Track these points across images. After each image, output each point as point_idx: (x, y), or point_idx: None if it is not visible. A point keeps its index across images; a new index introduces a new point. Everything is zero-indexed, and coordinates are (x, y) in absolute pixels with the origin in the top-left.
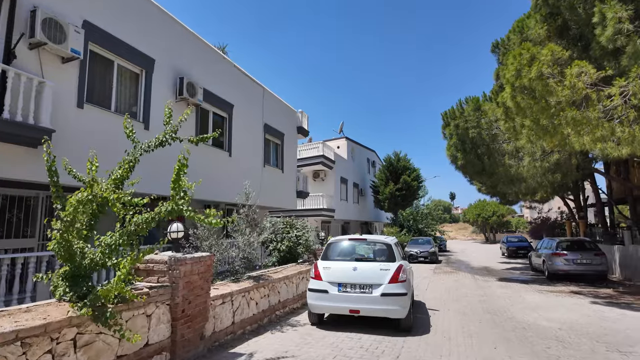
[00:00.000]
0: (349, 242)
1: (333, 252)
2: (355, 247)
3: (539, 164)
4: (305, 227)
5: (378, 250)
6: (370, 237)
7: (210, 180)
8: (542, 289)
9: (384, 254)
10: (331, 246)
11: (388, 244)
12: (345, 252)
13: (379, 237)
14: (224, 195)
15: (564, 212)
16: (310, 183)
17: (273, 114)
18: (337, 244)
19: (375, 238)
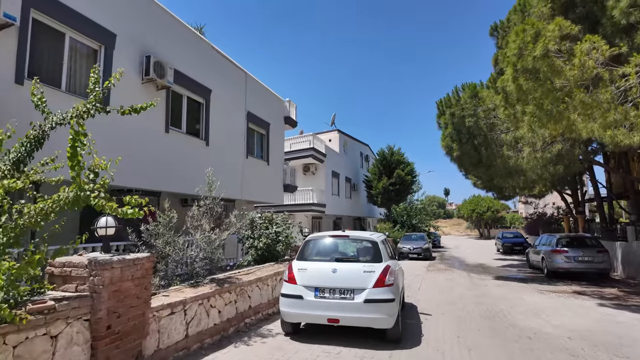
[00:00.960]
0: (329, 240)
1: (310, 251)
2: (336, 246)
3: (540, 155)
4: (287, 222)
5: (362, 248)
6: (354, 234)
7: (185, 171)
8: (543, 289)
9: (369, 253)
10: (308, 244)
11: (373, 241)
12: (325, 251)
13: (363, 233)
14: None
15: (560, 208)
16: (300, 177)
17: (257, 102)
18: (315, 241)
19: (359, 235)
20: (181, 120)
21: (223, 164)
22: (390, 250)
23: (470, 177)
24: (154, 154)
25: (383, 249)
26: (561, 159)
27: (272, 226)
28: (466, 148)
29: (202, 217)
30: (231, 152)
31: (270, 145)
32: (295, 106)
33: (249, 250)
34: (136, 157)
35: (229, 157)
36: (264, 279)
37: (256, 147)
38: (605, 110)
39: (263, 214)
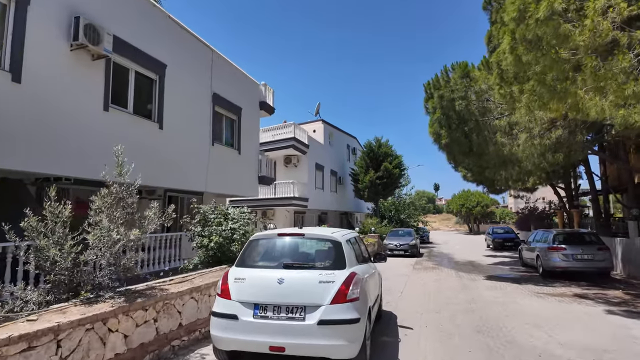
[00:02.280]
0: (279, 240)
1: (253, 254)
2: (287, 247)
3: (538, 142)
4: (245, 216)
5: (320, 251)
6: (311, 232)
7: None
8: (540, 291)
9: (329, 256)
10: (252, 245)
11: (335, 241)
12: (271, 255)
13: (324, 231)
14: (154, 178)
15: (553, 202)
16: (281, 169)
17: (226, 84)
18: (259, 242)
19: (319, 233)
20: (127, 98)
21: (182, 150)
22: (362, 252)
23: (460, 170)
24: (87, 134)
25: (348, 251)
26: (561, 146)
27: (228, 222)
28: (456, 135)
29: (106, 210)
30: (193, 137)
31: (242, 133)
32: (273, 91)
33: (198, 251)
34: (65, 137)
35: (189, 143)
36: (203, 288)
37: (225, 134)
38: (621, 83)
39: (217, 207)
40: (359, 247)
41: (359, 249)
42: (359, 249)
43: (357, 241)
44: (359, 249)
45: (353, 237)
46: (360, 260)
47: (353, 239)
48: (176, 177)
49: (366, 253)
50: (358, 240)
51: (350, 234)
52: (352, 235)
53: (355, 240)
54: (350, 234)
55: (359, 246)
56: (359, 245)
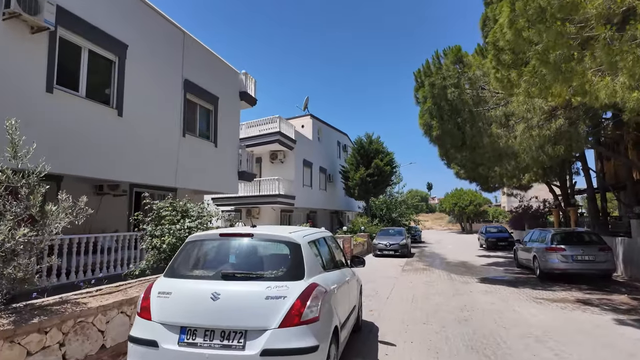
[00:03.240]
0: (221, 242)
1: (188, 260)
2: (231, 252)
3: (537, 133)
4: (204, 214)
5: (273, 256)
6: (263, 232)
7: (88, 147)
8: (539, 296)
9: (283, 263)
10: (186, 249)
11: (293, 243)
12: (210, 262)
13: (280, 230)
14: (113, 171)
15: (547, 200)
16: (267, 166)
17: (200, 70)
18: (198, 244)
19: (273, 233)
20: (78, 80)
21: (147, 141)
22: (333, 256)
23: (452, 167)
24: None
25: (309, 255)
26: (561, 138)
27: (185, 220)
28: (448, 126)
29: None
30: (160, 127)
31: (219, 124)
32: (255, 81)
33: (148, 253)
34: None
35: (156, 133)
36: (138, 300)
37: (199, 124)
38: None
39: (174, 202)
40: (328, 250)
41: (329, 252)
42: (329, 253)
43: (327, 243)
44: (329, 253)
45: (321, 238)
46: (328, 266)
47: (321, 240)
48: (140, 171)
49: (341, 257)
50: (329, 242)
51: (316, 234)
52: (318, 236)
53: (325, 241)
54: (318, 233)
55: (328, 249)
56: (329, 247)
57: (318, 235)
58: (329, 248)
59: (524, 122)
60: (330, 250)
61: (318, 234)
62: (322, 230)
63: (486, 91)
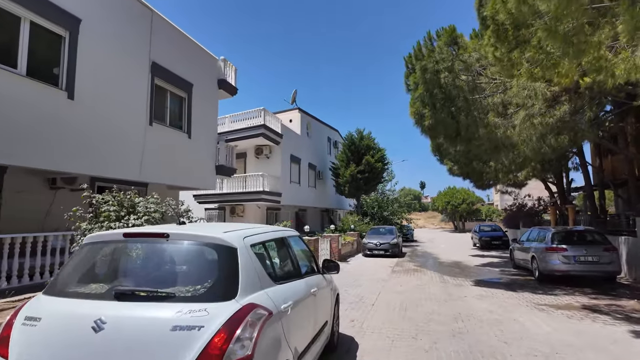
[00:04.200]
0: (124, 245)
1: (79, 270)
2: (135, 260)
3: (539, 121)
4: (152, 210)
5: (194, 266)
6: (184, 231)
7: (30, 134)
8: (540, 302)
9: (208, 276)
10: (81, 254)
11: (224, 247)
12: (105, 273)
13: (209, 230)
14: (65, 162)
15: (542, 198)
16: (252, 161)
17: (172, 54)
18: (95, 247)
19: (197, 233)
20: (16, 56)
21: (106, 128)
22: (293, 262)
23: (445, 162)
24: None
25: (247, 264)
26: (565, 127)
27: (131, 216)
28: (441, 115)
29: None
30: (122, 113)
31: (193, 113)
32: (235, 69)
33: None
34: None
35: (117, 119)
36: None
37: (169, 113)
38: None
39: (118, 195)
40: (287, 254)
41: (288, 257)
42: (288, 258)
43: (287, 245)
44: (288, 258)
45: (276, 239)
46: (285, 276)
47: (276, 241)
48: (99, 162)
49: (310, 262)
50: (290, 244)
51: (268, 234)
52: (272, 236)
53: (283, 243)
54: (271, 233)
55: (288, 253)
56: (288, 251)
57: (272, 235)
58: (289, 252)
59: (525, 109)
60: (290, 255)
61: (271, 234)
62: (281, 229)
63: (483, 77)
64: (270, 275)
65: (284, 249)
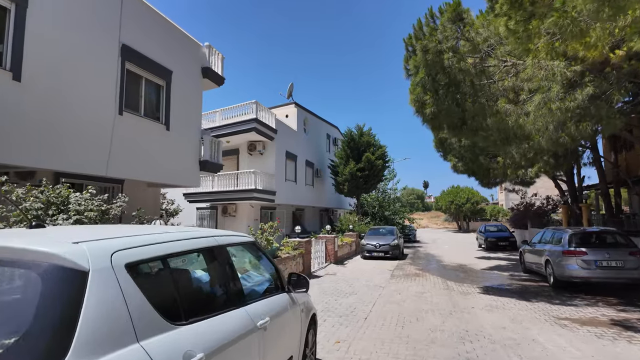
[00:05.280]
0: None
1: None
2: None
3: (557, 106)
4: (89, 207)
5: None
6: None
7: None
8: (560, 315)
9: (21, 323)
10: None
11: (62, 269)
12: None
13: (47, 235)
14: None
15: (551, 197)
16: (245, 158)
17: (147, 37)
18: None
19: (10, 242)
20: None
21: (64, 115)
22: (222, 286)
23: (449, 159)
24: None
25: (107, 297)
26: (589, 113)
27: (59, 216)
28: (444, 102)
29: None
30: (84, 99)
31: (173, 103)
32: (222, 57)
33: None
34: None
35: (78, 106)
36: None
37: (144, 102)
38: None
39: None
40: (224, 269)
41: (225, 274)
42: (225, 276)
43: (222, 257)
44: (225, 276)
45: (203, 248)
46: (200, 309)
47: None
48: (58, 155)
49: (264, 279)
50: (226, 256)
51: (180, 242)
52: (188, 245)
53: (214, 255)
54: (187, 240)
55: (225, 268)
56: (226, 265)
57: (185, 244)
58: (227, 268)
59: (541, 93)
60: (227, 273)
61: (185, 243)
62: (214, 233)
63: (492, 59)
64: (167, 313)
65: (218, 263)
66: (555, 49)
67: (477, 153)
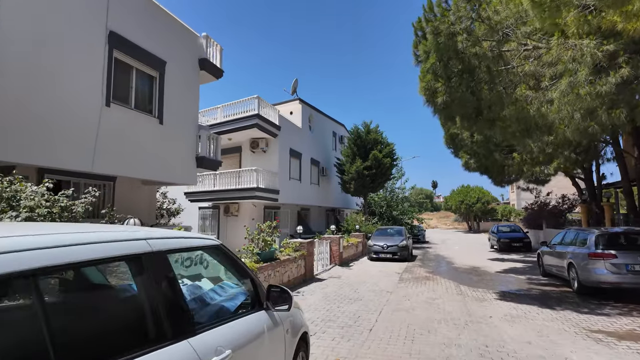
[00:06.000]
0: None
1: None
2: None
3: (587, 91)
4: (38, 202)
5: None
6: None
7: None
8: (592, 326)
9: None
10: None
11: None
12: None
13: None
14: None
15: (567, 196)
16: (247, 156)
17: (138, 24)
18: None
19: None
20: None
21: (43, 103)
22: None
23: (461, 155)
24: None
25: None
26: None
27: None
28: (458, 90)
29: None
30: (66, 88)
31: (166, 95)
32: (221, 48)
33: None
34: None
35: (58, 96)
36: None
37: (135, 94)
38: None
39: None
40: (147, 281)
41: (165, 293)
42: (164, 296)
43: (160, 269)
44: (164, 296)
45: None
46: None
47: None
48: (39, 148)
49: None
50: (165, 268)
51: (72, 248)
52: (88, 253)
53: (141, 267)
54: (88, 245)
55: (168, 285)
56: (166, 280)
57: (82, 252)
58: (161, 283)
59: (567, 76)
60: (160, 291)
61: (81, 250)
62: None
63: (511, 42)
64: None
65: (149, 277)
66: (588, 21)
67: (491, 149)
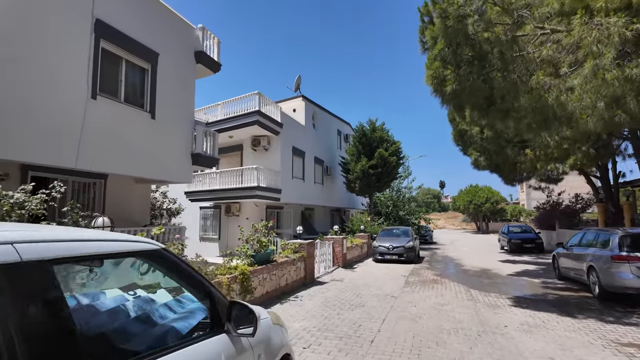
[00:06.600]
0: None
1: None
2: None
3: (614, 75)
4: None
5: None
6: None
7: None
8: (621, 339)
9: None
10: None
11: None
12: None
13: None
14: None
15: (580, 195)
16: (249, 154)
17: (127, 13)
18: None
19: None
20: None
21: (21, 95)
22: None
23: (470, 153)
24: None
25: None
26: None
27: None
28: (468, 79)
29: None
30: (48, 79)
31: (159, 89)
32: (218, 41)
33: None
34: None
35: (40, 86)
36: None
37: (125, 86)
38: None
39: None
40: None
41: (18, 318)
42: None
43: (15, 282)
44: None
45: None
46: None
47: None
48: (20, 144)
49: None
50: (23, 278)
51: None
52: None
53: None
54: None
55: (23, 299)
56: (17, 295)
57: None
58: (34, 308)
59: (592, 59)
60: (34, 320)
61: None
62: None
63: (527, 24)
64: None
65: (21, 300)
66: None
67: (502, 145)
